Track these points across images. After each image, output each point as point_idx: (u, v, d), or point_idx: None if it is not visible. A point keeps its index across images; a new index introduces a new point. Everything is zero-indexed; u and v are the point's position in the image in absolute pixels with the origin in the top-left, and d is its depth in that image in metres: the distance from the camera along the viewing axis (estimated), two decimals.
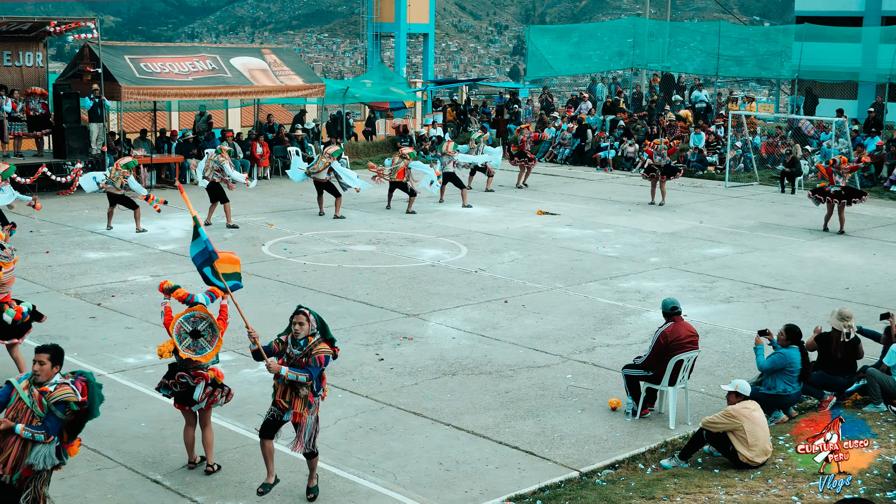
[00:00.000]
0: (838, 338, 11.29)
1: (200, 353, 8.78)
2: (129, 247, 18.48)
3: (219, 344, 8.88)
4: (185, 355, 8.73)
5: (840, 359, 11.28)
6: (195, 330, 8.81)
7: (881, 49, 32.12)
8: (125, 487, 8.77)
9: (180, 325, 8.78)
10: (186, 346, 8.76)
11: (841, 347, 11.28)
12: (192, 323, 8.81)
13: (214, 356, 8.94)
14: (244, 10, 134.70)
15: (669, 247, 19.48)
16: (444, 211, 23.08)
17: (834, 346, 11.29)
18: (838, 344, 11.28)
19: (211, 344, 8.83)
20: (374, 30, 41.47)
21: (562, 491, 8.83)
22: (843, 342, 11.27)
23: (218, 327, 8.91)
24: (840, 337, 11.28)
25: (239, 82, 26.92)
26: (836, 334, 11.30)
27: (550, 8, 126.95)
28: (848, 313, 11.34)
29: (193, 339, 8.79)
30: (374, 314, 14.34)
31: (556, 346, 13.05)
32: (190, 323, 8.81)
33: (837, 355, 11.28)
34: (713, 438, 9.40)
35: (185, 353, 8.73)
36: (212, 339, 8.84)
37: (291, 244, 19.03)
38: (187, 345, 8.76)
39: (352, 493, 8.78)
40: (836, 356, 11.28)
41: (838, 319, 11.28)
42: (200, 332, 8.82)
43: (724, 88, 38.15)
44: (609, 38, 38.86)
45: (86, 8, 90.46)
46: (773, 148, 30.08)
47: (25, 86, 24.94)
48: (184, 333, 8.78)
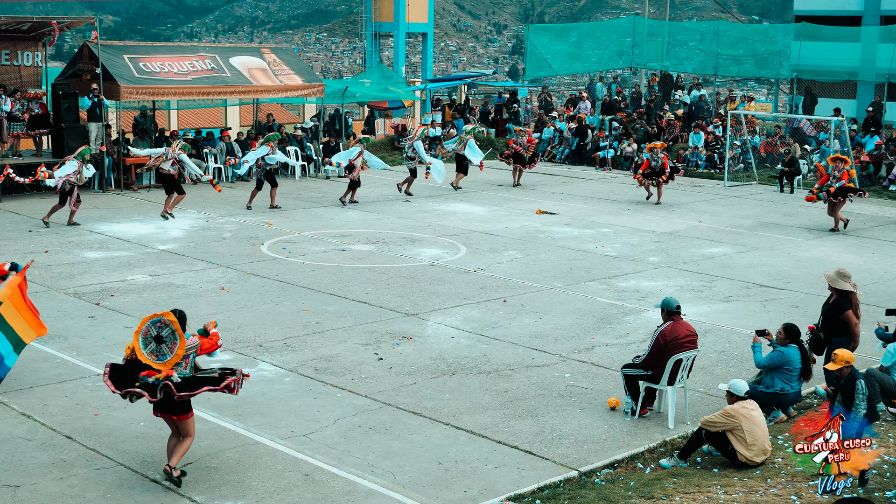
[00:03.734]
0: (856, 299, 11.24)
1: (161, 360, 8.65)
2: (127, 246, 18.48)
3: (180, 350, 8.67)
4: (147, 360, 8.62)
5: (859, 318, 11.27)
6: (159, 335, 8.67)
7: (880, 48, 32.14)
8: (124, 487, 8.77)
9: (147, 330, 8.66)
10: (150, 351, 8.66)
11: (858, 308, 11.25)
12: (157, 328, 8.66)
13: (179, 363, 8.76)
14: (243, 10, 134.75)
15: (668, 246, 19.49)
16: (444, 210, 23.08)
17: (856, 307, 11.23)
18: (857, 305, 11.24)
19: (171, 351, 8.66)
20: (373, 29, 41.51)
21: (561, 490, 8.83)
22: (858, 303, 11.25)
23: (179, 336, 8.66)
24: (857, 298, 11.24)
25: (238, 82, 26.91)
26: (853, 296, 11.23)
27: (549, 7, 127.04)
28: (847, 272, 11.35)
29: (157, 345, 8.67)
30: (373, 314, 14.34)
31: (555, 346, 13.05)
32: (156, 327, 8.67)
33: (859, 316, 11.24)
34: (712, 438, 9.40)
35: (147, 360, 8.63)
36: (171, 347, 8.66)
37: (290, 244, 19.03)
38: (151, 349, 8.66)
39: (351, 492, 8.78)
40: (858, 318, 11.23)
41: (843, 280, 11.21)
42: (163, 339, 8.67)
43: (724, 88, 38.10)
44: (608, 38, 38.84)
45: (85, 7, 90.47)
46: (771, 147, 30.08)
47: (24, 85, 24.93)
48: (149, 338, 8.67)
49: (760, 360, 10.76)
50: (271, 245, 18.89)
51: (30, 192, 23.63)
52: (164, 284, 15.75)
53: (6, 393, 10.90)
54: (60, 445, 9.60)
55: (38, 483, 8.77)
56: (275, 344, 12.86)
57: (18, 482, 8.77)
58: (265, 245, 18.88)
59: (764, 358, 10.72)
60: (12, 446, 9.54)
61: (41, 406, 10.59)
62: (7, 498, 8.47)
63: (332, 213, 22.53)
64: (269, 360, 12.24)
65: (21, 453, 9.39)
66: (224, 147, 27.32)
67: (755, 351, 10.87)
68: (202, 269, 16.83)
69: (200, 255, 17.90)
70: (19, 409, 10.46)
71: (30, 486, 8.72)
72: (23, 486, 8.71)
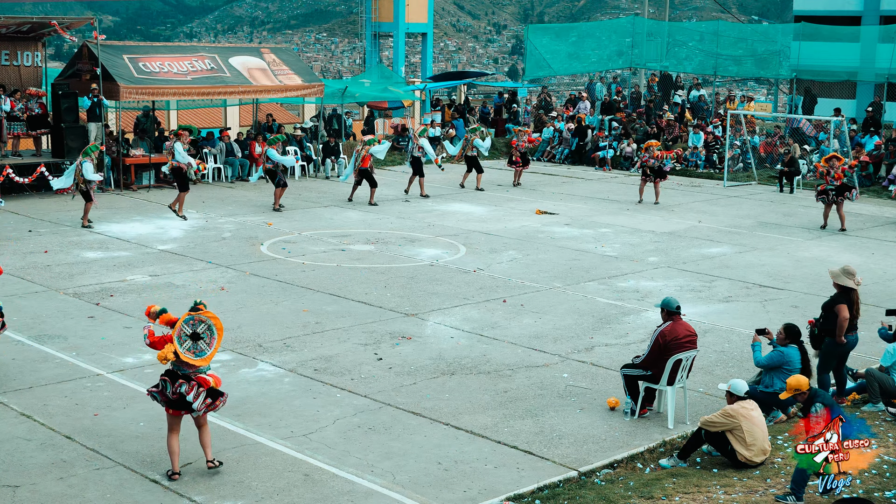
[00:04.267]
0: (857, 296, 11.23)
1: (200, 356, 8.78)
2: (127, 246, 18.48)
3: (216, 347, 8.88)
4: (186, 359, 8.72)
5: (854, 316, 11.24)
6: (195, 332, 8.78)
7: (879, 48, 32.14)
8: (124, 487, 8.77)
9: (181, 329, 8.76)
10: (187, 349, 8.75)
11: (859, 306, 11.24)
12: (191, 326, 8.78)
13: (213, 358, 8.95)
14: (242, 10, 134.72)
15: (668, 246, 19.49)
16: (443, 210, 23.08)
17: (856, 305, 11.22)
18: (857, 301, 11.23)
19: (210, 346, 8.83)
20: (372, 29, 41.50)
21: (560, 490, 8.83)
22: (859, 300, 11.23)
23: (217, 330, 8.88)
24: (857, 295, 11.22)
25: (238, 82, 26.91)
26: (855, 294, 11.21)
27: (549, 7, 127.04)
28: (852, 269, 11.27)
29: (193, 342, 8.78)
30: (373, 314, 14.34)
31: (555, 346, 13.05)
32: (190, 326, 8.78)
33: (857, 313, 11.24)
34: (712, 438, 9.40)
35: (186, 357, 8.72)
36: (210, 342, 8.82)
37: (290, 244, 19.03)
38: (188, 347, 8.76)
39: (350, 492, 8.78)
40: (856, 315, 11.22)
41: (847, 277, 11.16)
42: (200, 335, 8.80)
43: (723, 88, 38.12)
44: (608, 38, 38.85)
45: (84, 7, 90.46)
46: (771, 147, 30.09)
47: (24, 85, 24.92)
48: (184, 336, 8.75)
49: (760, 360, 10.76)
50: (271, 245, 18.89)
51: (29, 192, 23.63)
52: (163, 284, 15.75)
53: (6, 393, 10.91)
54: (60, 445, 9.60)
55: (37, 483, 8.77)
56: (274, 344, 12.86)
57: (18, 482, 8.77)
58: (265, 245, 18.88)
59: (764, 357, 10.73)
60: (12, 446, 9.54)
61: (41, 406, 10.59)
62: (7, 498, 8.47)
63: (331, 213, 22.53)
64: (268, 361, 12.24)
65: (21, 453, 9.39)
66: (224, 147, 27.31)
67: (755, 350, 10.88)
68: (202, 270, 16.83)
69: (200, 255, 17.90)
70: (19, 409, 10.46)
71: (29, 486, 8.72)
72: (22, 486, 8.71)
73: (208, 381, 8.89)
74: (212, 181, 26.42)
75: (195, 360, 8.75)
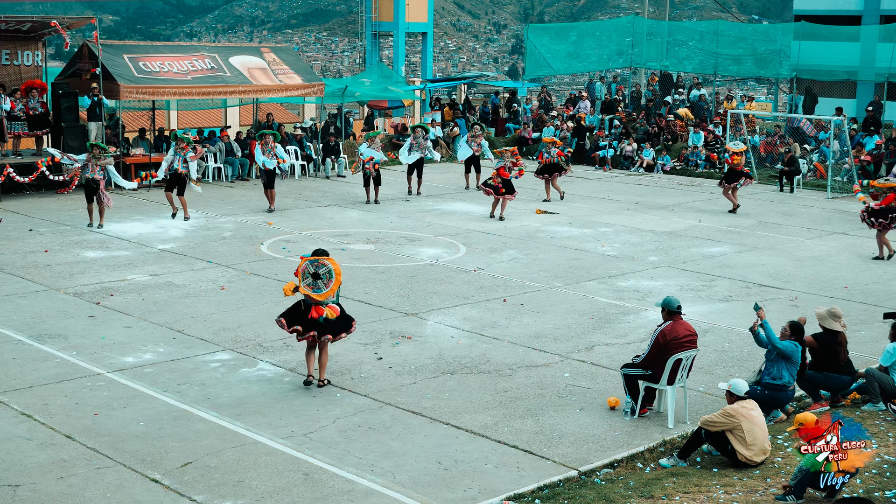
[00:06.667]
0: (844, 339, 11.25)
1: (317, 292, 10.76)
2: (127, 246, 18.48)
3: (334, 286, 10.82)
4: (304, 291, 10.75)
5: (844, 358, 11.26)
6: (316, 272, 10.80)
7: (880, 48, 32.14)
8: (124, 486, 8.77)
9: (305, 267, 10.83)
10: (307, 285, 10.77)
11: (846, 347, 11.26)
12: (315, 266, 10.81)
13: (331, 296, 10.87)
14: (242, 9, 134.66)
15: (668, 246, 19.49)
16: (443, 210, 23.08)
17: (842, 347, 11.23)
18: (844, 344, 11.25)
19: (326, 286, 10.79)
20: (372, 29, 41.49)
21: (560, 490, 8.83)
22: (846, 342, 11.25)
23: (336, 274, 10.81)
24: (844, 337, 11.25)
25: (238, 81, 26.92)
26: (841, 336, 11.26)
27: (549, 7, 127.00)
28: (839, 312, 11.30)
29: (313, 280, 10.77)
30: (373, 313, 14.34)
31: (555, 345, 13.05)
32: (313, 266, 10.81)
33: (845, 356, 11.25)
34: (712, 437, 9.40)
35: (304, 290, 10.75)
36: (328, 282, 10.79)
37: (290, 243, 19.03)
38: (307, 283, 10.78)
39: (350, 491, 8.78)
40: (843, 356, 11.23)
41: (834, 320, 11.23)
42: (320, 276, 10.79)
43: (723, 87, 38.11)
44: (608, 38, 38.82)
45: (84, 7, 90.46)
46: (771, 147, 30.09)
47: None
48: (306, 273, 10.80)
49: (778, 343, 10.49)
50: (271, 245, 18.89)
51: (30, 192, 23.63)
52: (163, 284, 15.75)
53: (6, 392, 10.91)
54: (60, 445, 9.60)
55: (37, 483, 8.77)
56: (274, 343, 12.86)
57: (18, 482, 8.77)
58: (265, 245, 18.88)
59: (783, 342, 10.55)
60: (12, 446, 9.54)
61: (41, 405, 10.59)
62: (7, 498, 8.47)
63: (331, 212, 22.53)
64: (268, 360, 12.24)
65: (21, 453, 9.39)
66: (223, 147, 27.30)
67: (766, 329, 10.56)
68: (202, 269, 16.83)
69: (200, 254, 17.90)
70: (19, 409, 10.46)
71: (29, 485, 8.72)
72: (23, 485, 8.71)
73: (322, 310, 10.76)
74: (212, 181, 26.41)
75: (313, 294, 10.77)
